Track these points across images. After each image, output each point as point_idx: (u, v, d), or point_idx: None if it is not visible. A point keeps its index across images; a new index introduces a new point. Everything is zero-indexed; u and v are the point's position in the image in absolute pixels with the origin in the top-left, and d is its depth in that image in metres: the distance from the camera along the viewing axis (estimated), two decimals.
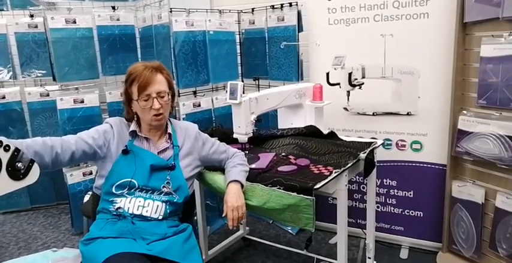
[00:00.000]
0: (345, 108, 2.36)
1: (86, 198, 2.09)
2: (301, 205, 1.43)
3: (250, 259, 2.35)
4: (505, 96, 1.79)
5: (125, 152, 1.45)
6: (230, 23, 2.54)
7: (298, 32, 2.41)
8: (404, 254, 2.31)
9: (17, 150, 1.12)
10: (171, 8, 2.23)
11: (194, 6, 2.35)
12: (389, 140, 2.29)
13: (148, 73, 1.43)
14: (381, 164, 2.29)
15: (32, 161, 1.17)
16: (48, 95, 2.91)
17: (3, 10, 2.86)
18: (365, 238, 2.05)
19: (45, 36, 2.55)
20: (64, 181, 2.67)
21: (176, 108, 2.34)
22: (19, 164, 1.13)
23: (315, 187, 1.43)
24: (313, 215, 1.43)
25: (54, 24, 2.45)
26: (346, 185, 1.59)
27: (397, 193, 2.33)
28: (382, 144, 2.02)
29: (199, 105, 2.45)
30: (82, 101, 2.59)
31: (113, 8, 2.61)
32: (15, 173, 1.12)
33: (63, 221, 2.94)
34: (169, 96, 1.48)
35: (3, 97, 2.91)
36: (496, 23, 1.79)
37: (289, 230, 2.64)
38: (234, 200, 1.46)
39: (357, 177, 2.39)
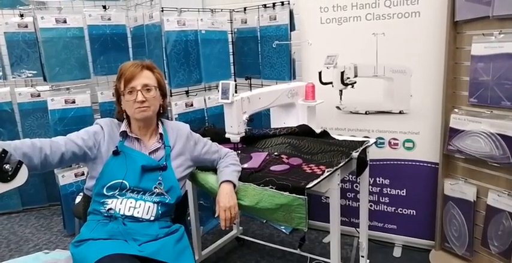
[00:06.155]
0: (338, 107, 2.36)
1: (78, 199, 2.08)
2: (294, 205, 1.43)
3: (243, 259, 2.34)
4: (495, 95, 1.80)
5: (116, 153, 1.44)
6: (222, 22, 2.53)
7: (291, 31, 2.42)
8: (397, 252, 2.32)
9: (4, 151, 1.10)
10: (162, 8, 2.21)
11: (186, 6, 2.33)
12: (382, 138, 2.30)
13: (134, 68, 1.44)
14: (374, 162, 2.30)
15: (20, 163, 1.14)
16: (39, 95, 2.88)
17: None
18: (358, 237, 2.06)
19: (36, 36, 2.52)
20: (56, 182, 2.65)
21: (168, 108, 2.32)
22: (6, 166, 1.10)
23: (307, 186, 1.43)
24: (305, 215, 1.43)
25: (45, 24, 2.43)
26: (338, 184, 1.59)
27: (390, 191, 2.34)
28: (375, 143, 2.03)
29: (191, 105, 2.44)
30: (73, 102, 2.57)
31: (104, 7, 2.59)
32: (2, 175, 1.10)
33: (55, 222, 2.91)
34: (157, 92, 1.48)
35: None
36: (487, 22, 1.79)
37: (283, 230, 2.64)
38: (226, 200, 1.46)
39: (350, 176, 2.39)
